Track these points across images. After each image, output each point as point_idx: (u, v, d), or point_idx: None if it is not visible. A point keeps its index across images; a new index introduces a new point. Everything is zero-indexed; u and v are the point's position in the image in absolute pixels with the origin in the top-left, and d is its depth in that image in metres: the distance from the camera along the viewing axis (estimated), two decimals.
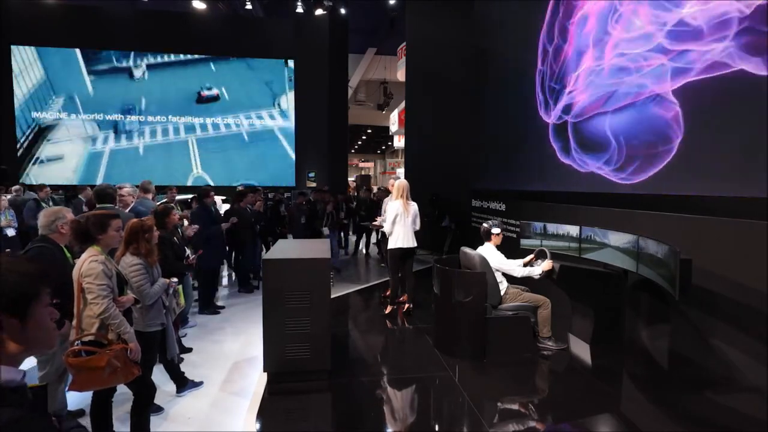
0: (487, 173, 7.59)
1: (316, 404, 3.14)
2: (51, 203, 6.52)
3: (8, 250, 5.04)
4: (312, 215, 7.14)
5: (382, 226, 5.24)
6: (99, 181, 12.56)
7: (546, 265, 3.85)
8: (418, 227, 4.89)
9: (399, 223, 4.72)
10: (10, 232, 5.88)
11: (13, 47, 12.58)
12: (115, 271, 2.29)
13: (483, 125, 7.77)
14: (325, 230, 7.12)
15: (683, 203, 3.62)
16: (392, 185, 5.41)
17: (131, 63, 13.22)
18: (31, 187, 8.40)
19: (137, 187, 4.53)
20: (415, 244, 4.84)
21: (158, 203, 4.17)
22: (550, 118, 5.46)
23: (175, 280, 3.01)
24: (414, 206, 4.84)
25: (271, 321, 3.24)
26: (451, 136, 8.94)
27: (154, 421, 2.70)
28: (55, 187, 7.17)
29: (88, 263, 2.17)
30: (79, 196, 7.20)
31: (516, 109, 6.48)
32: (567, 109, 5.11)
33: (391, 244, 4.80)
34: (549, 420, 2.93)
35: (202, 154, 13.75)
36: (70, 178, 12.78)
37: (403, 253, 4.83)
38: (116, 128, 13.27)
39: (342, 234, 9.02)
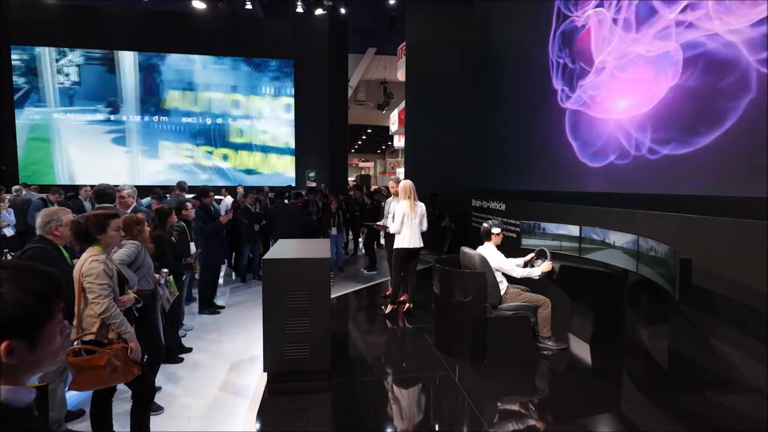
0: (487, 173, 7.59)
1: (316, 404, 3.14)
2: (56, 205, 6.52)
3: (6, 250, 5.04)
4: (307, 215, 7.27)
5: (387, 227, 5.25)
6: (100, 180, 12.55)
7: (545, 266, 3.84)
8: (425, 228, 4.89)
9: (406, 223, 4.74)
10: (8, 232, 5.88)
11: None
12: (116, 271, 2.29)
13: (483, 125, 7.77)
14: (333, 230, 7.14)
15: (683, 203, 3.63)
16: (393, 187, 5.42)
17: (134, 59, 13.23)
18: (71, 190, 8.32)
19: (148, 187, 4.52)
20: (422, 245, 4.86)
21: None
22: (568, 103, 5.21)
23: (165, 270, 3.06)
24: (421, 207, 4.86)
25: (271, 321, 3.24)
26: (451, 136, 8.94)
27: (154, 420, 2.70)
28: (54, 187, 7.14)
29: (89, 263, 2.17)
30: (78, 196, 7.21)
31: (519, 108, 6.48)
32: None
33: (398, 243, 4.81)
34: (549, 420, 2.93)
35: (201, 153, 13.76)
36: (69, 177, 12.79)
37: (409, 252, 4.85)
38: (117, 125, 13.28)
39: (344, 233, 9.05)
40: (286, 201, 6.92)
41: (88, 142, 13.11)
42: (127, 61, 13.20)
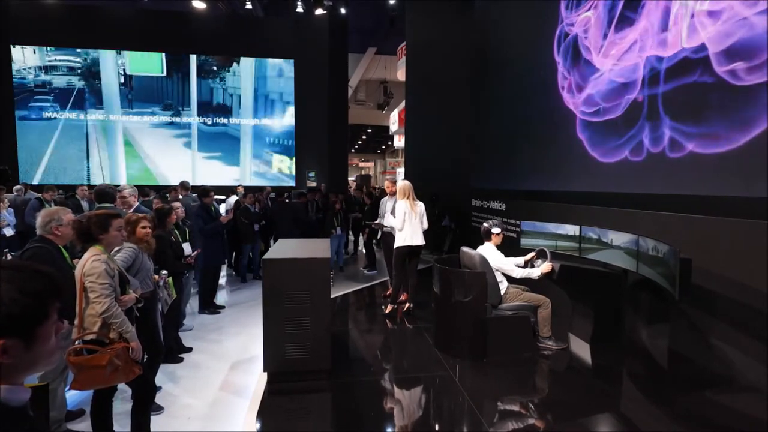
0: (487, 173, 7.59)
1: (316, 404, 3.15)
2: (53, 204, 6.51)
3: (7, 249, 5.04)
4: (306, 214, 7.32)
5: (384, 226, 5.25)
6: (101, 180, 12.60)
7: (545, 267, 3.85)
8: (426, 226, 4.92)
9: (407, 221, 4.76)
10: (8, 232, 5.88)
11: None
12: (117, 271, 2.29)
13: (483, 125, 7.77)
14: (338, 230, 7.16)
15: (683, 203, 3.62)
16: (388, 186, 5.44)
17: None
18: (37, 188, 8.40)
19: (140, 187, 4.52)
20: (423, 242, 4.88)
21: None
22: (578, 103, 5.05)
23: (165, 272, 3.06)
24: (421, 206, 4.89)
25: (270, 321, 3.24)
26: (451, 136, 8.94)
27: (154, 420, 2.70)
28: (48, 186, 7.13)
29: (91, 262, 2.17)
30: (76, 196, 7.19)
31: (519, 107, 6.47)
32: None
33: (398, 242, 4.83)
34: (549, 420, 2.93)
35: (201, 153, 13.76)
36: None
37: (410, 251, 4.86)
38: (115, 125, 13.30)
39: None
40: (286, 200, 6.99)
41: (165, 145, 13.49)
42: (247, 67, 13.67)
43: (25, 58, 12.72)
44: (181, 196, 6.04)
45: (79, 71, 12.96)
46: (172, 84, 13.45)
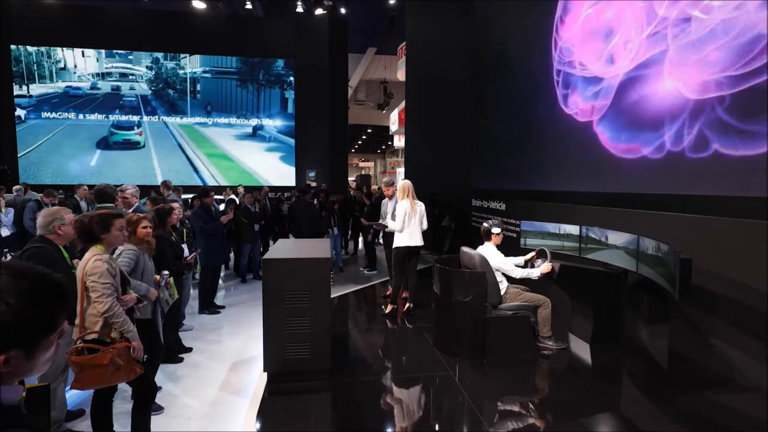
0: (487, 173, 7.59)
1: (316, 404, 3.15)
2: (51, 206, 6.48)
3: (6, 250, 5.04)
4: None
5: (386, 226, 5.25)
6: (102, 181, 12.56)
7: (545, 267, 3.84)
8: (425, 227, 4.92)
9: (406, 222, 4.76)
10: (5, 232, 5.88)
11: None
12: (119, 270, 2.29)
13: (483, 124, 7.77)
14: (335, 230, 7.17)
15: (683, 203, 3.63)
16: (386, 190, 5.42)
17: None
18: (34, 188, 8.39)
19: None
20: (422, 243, 4.88)
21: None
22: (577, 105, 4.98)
23: (167, 272, 3.06)
24: (421, 206, 4.88)
25: (271, 321, 3.24)
26: (451, 136, 8.94)
27: (155, 420, 2.70)
28: (49, 188, 7.12)
29: (93, 262, 2.17)
30: (75, 196, 7.19)
31: (521, 106, 6.47)
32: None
33: (398, 242, 4.82)
34: (549, 420, 2.94)
35: (202, 153, 13.76)
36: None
37: (409, 251, 4.85)
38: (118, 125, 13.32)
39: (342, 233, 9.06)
40: (309, 199, 7.05)
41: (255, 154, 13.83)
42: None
43: (86, 65, 12.87)
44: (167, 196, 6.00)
45: (134, 78, 13.10)
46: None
